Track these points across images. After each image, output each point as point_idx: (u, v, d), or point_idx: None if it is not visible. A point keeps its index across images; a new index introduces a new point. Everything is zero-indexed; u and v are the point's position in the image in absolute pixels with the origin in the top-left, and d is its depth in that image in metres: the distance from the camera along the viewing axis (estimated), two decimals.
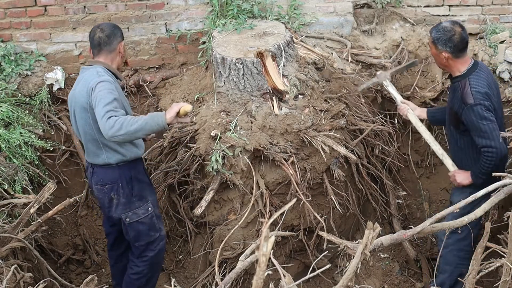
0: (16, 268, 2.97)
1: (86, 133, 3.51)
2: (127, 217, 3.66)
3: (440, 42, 3.56)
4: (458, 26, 3.58)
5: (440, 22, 3.68)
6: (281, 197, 4.08)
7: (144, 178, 3.77)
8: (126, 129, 3.16)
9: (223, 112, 4.13)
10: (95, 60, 3.59)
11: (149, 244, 3.77)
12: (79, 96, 3.46)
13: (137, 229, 3.71)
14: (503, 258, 2.78)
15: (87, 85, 3.40)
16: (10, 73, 4.62)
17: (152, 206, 3.75)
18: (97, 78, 3.39)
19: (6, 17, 4.76)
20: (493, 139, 3.50)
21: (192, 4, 4.94)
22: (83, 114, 3.46)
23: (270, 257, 1.72)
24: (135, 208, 3.66)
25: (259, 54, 4.01)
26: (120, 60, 3.67)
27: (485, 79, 3.58)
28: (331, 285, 4.24)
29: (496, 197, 3.07)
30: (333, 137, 4.01)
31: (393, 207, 4.76)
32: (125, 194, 3.61)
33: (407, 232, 2.88)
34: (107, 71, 3.52)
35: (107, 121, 3.17)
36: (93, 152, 3.57)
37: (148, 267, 3.82)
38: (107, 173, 3.59)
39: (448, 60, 3.59)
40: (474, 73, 3.59)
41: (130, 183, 3.62)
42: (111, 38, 3.57)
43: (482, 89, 3.51)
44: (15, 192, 3.86)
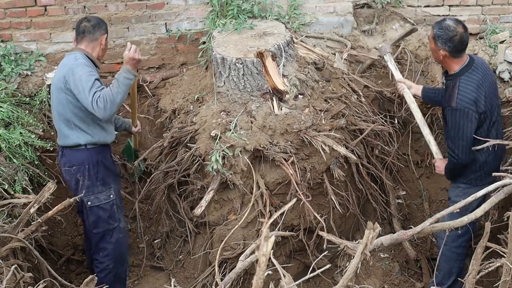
0: (16, 268, 2.96)
1: (59, 113, 3.72)
2: (89, 201, 3.81)
3: (440, 40, 3.60)
4: (461, 27, 3.59)
5: (444, 19, 3.68)
6: (281, 197, 4.08)
7: (111, 166, 3.95)
8: (113, 101, 3.49)
9: (223, 112, 4.13)
10: (77, 47, 3.82)
11: (106, 234, 3.89)
12: (56, 79, 3.72)
13: (97, 214, 3.84)
14: (503, 258, 2.78)
15: (64, 68, 3.67)
16: (10, 73, 4.63)
17: (115, 194, 3.90)
18: (74, 61, 3.65)
19: (6, 17, 4.76)
20: (457, 148, 3.64)
21: (192, 4, 4.94)
22: (58, 94, 3.69)
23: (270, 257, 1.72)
24: (98, 193, 3.82)
25: (259, 54, 4.01)
26: (101, 52, 3.88)
27: (476, 81, 3.59)
28: (331, 285, 4.24)
29: (496, 197, 3.07)
30: (333, 137, 4.01)
31: (393, 207, 4.75)
32: (90, 177, 3.77)
33: (407, 232, 2.88)
34: (86, 57, 3.73)
35: (97, 105, 3.48)
36: (64, 134, 3.75)
37: (112, 261, 3.93)
38: (75, 155, 3.77)
39: (444, 57, 3.64)
40: (466, 73, 3.62)
41: (96, 166, 3.79)
42: (95, 28, 3.82)
43: (469, 94, 3.55)
44: (15, 192, 3.86)
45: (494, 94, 3.73)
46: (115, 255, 3.93)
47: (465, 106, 3.54)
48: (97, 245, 3.92)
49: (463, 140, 3.62)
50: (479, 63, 3.70)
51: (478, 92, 3.57)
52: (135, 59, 3.64)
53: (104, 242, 3.90)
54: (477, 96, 3.56)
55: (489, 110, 3.64)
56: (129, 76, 3.59)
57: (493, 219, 4.04)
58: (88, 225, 3.92)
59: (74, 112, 3.66)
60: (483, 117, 3.62)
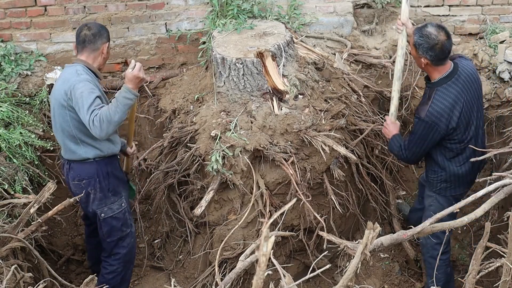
0: (16, 268, 2.96)
1: (64, 130, 3.59)
2: (102, 212, 3.74)
3: (421, 48, 3.47)
4: (444, 34, 3.45)
5: (426, 24, 3.53)
6: (281, 197, 4.08)
7: (120, 174, 3.87)
8: (110, 121, 3.29)
9: (223, 112, 4.13)
10: (77, 58, 3.67)
11: (119, 240, 3.85)
12: (58, 94, 3.54)
13: (110, 224, 3.78)
14: (503, 258, 2.78)
15: (65, 83, 3.49)
16: (10, 73, 4.63)
17: (125, 201, 3.85)
18: (76, 77, 3.48)
19: (6, 17, 4.77)
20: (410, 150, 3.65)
21: (192, 4, 4.94)
22: (61, 111, 3.54)
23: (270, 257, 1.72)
24: (110, 203, 3.75)
25: (259, 54, 4.01)
26: (102, 61, 3.72)
27: (453, 95, 3.47)
28: (331, 285, 4.24)
29: (496, 197, 3.07)
30: (333, 137, 4.01)
31: (393, 207, 4.76)
32: (102, 189, 3.69)
33: (407, 232, 2.88)
34: (87, 70, 3.60)
35: (93, 124, 3.30)
36: (70, 149, 3.63)
37: (122, 265, 3.89)
38: (84, 169, 3.66)
39: (426, 65, 3.53)
40: (445, 85, 3.50)
41: (107, 178, 3.70)
42: (96, 37, 3.64)
43: (441, 110, 3.45)
44: (15, 192, 3.86)
45: (474, 107, 3.59)
46: (125, 259, 3.90)
47: (433, 121, 3.46)
48: (111, 251, 3.87)
49: (418, 148, 3.60)
50: (463, 72, 3.54)
51: (452, 108, 3.46)
52: (139, 77, 3.37)
53: (117, 247, 3.86)
54: (450, 113, 3.46)
55: (464, 126, 3.54)
56: (130, 96, 3.35)
57: (493, 219, 4.04)
58: (101, 234, 3.84)
59: (79, 128, 3.52)
60: (453, 132, 3.53)
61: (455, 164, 3.66)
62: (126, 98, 3.33)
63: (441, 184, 3.75)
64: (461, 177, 3.70)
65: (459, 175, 3.68)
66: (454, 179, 3.71)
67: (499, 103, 4.96)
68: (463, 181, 3.73)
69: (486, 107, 4.97)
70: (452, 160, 3.66)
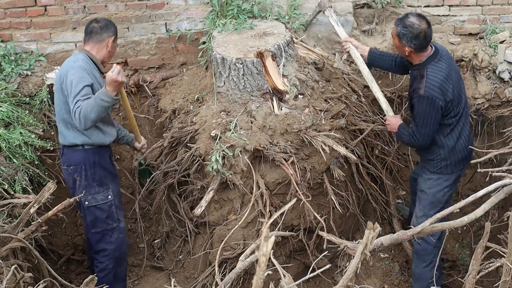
0: (16, 268, 2.96)
1: (58, 113, 3.73)
2: (86, 200, 3.79)
3: (405, 38, 3.64)
4: (425, 23, 3.63)
5: (407, 15, 3.71)
6: (281, 197, 4.07)
7: (109, 167, 3.91)
8: (87, 117, 3.42)
9: (223, 112, 4.13)
10: (82, 48, 3.77)
11: (105, 234, 3.87)
12: (57, 79, 3.69)
13: (94, 214, 3.82)
14: (503, 258, 2.78)
15: (63, 68, 3.66)
16: (10, 73, 4.63)
17: (113, 195, 3.87)
18: (72, 63, 3.62)
19: (6, 17, 4.76)
20: (419, 133, 3.73)
21: (192, 4, 4.94)
22: (57, 95, 3.69)
23: (270, 257, 1.72)
24: (95, 193, 3.79)
25: (259, 54, 4.01)
26: (106, 54, 3.80)
27: (444, 70, 3.66)
28: (331, 285, 4.24)
29: (496, 197, 3.07)
30: (333, 137, 4.01)
31: (393, 207, 4.76)
32: (87, 177, 3.75)
33: (407, 232, 2.89)
34: (88, 59, 3.69)
35: (75, 116, 3.44)
36: (62, 133, 3.76)
37: (112, 261, 3.91)
38: (73, 155, 3.76)
39: (410, 53, 3.70)
40: (433, 62, 3.68)
41: (93, 167, 3.76)
42: (103, 29, 3.75)
43: (437, 83, 3.62)
44: (15, 192, 3.86)
45: (460, 84, 3.81)
46: (115, 256, 3.92)
47: (433, 95, 3.60)
48: (97, 245, 3.91)
49: (426, 128, 3.70)
50: (444, 53, 3.76)
51: (446, 81, 3.64)
52: (118, 81, 3.41)
53: (103, 242, 3.89)
54: (445, 85, 3.63)
55: (457, 99, 3.72)
56: (106, 99, 3.41)
57: (493, 219, 4.05)
58: (85, 224, 3.92)
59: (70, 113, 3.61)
60: (450, 105, 3.68)
61: (452, 140, 3.81)
62: (102, 100, 3.42)
63: (442, 163, 3.88)
64: (458, 152, 3.85)
65: (457, 150, 3.84)
66: (453, 155, 3.85)
67: (499, 103, 4.96)
68: (461, 157, 3.88)
69: (486, 107, 4.98)
70: (448, 136, 3.81)
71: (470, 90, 4.96)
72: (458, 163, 3.89)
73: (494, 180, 3.73)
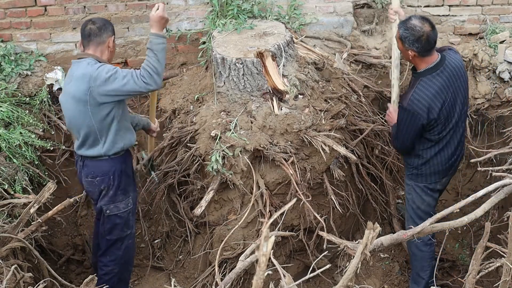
0: (16, 268, 2.96)
1: (84, 126, 3.51)
2: (108, 209, 3.71)
3: (407, 41, 3.51)
4: (428, 26, 3.49)
5: (410, 17, 3.59)
6: (281, 197, 4.07)
7: (131, 173, 3.84)
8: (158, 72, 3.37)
9: (223, 112, 4.13)
10: (84, 53, 3.59)
11: (117, 241, 3.82)
12: (76, 90, 3.46)
13: (114, 221, 3.76)
14: (503, 258, 2.78)
15: (82, 79, 3.42)
16: (10, 73, 4.62)
17: (132, 202, 3.82)
18: (91, 67, 3.43)
19: (6, 17, 4.76)
20: (397, 139, 3.77)
21: (192, 4, 4.94)
22: (80, 108, 3.46)
23: (270, 257, 1.72)
24: (118, 202, 3.72)
25: (259, 54, 4.01)
26: (109, 55, 3.67)
27: (436, 86, 3.52)
28: (331, 285, 4.24)
29: (496, 197, 3.07)
30: (333, 137, 4.01)
31: (393, 207, 4.76)
32: (114, 187, 3.66)
33: (407, 232, 2.89)
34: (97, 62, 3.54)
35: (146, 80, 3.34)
36: (89, 144, 3.58)
37: (118, 266, 3.87)
38: (98, 166, 3.64)
39: (414, 57, 3.58)
40: (429, 75, 3.55)
41: (120, 176, 3.68)
42: (102, 30, 3.59)
43: (423, 99, 3.51)
44: (15, 192, 3.85)
45: (457, 101, 3.64)
46: (122, 262, 3.88)
47: (415, 110, 3.52)
48: (107, 250, 3.85)
49: (403, 136, 3.69)
50: (449, 65, 3.58)
51: (434, 99, 3.52)
52: (164, 18, 3.44)
53: (114, 248, 3.83)
54: (431, 103, 3.51)
55: (444, 118, 3.59)
56: (162, 40, 3.43)
57: (493, 219, 4.04)
58: (102, 231, 3.83)
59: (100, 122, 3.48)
60: (434, 123, 3.58)
61: (429, 154, 3.75)
62: (159, 43, 3.41)
63: (413, 170, 3.85)
64: (432, 166, 3.78)
65: (431, 164, 3.77)
66: (427, 168, 3.79)
67: (499, 103, 4.96)
68: (435, 170, 3.80)
69: (486, 107, 4.98)
70: (426, 150, 3.74)
71: (470, 90, 4.96)
72: (430, 175, 3.81)
73: (494, 180, 3.73)
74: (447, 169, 3.82)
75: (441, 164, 3.77)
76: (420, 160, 3.77)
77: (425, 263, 3.99)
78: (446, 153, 3.74)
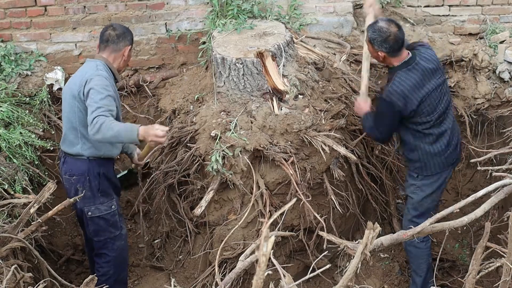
0: (16, 268, 2.96)
1: (69, 120, 3.61)
2: (89, 211, 3.72)
3: (376, 42, 3.65)
4: (394, 26, 3.63)
5: (377, 20, 3.73)
6: (281, 197, 4.07)
7: (113, 177, 3.84)
8: (103, 133, 3.29)
9: (223, 112, 4.13)
10: (99, 55, 3.68)
11: (108, 242, 3.82)
12: (73, 84, 3.58)
13: (97, 223, 3.76)
14: (503, 258, 2.78)
15: (83, 75, 3.51)
16: (10, 73, 4.62)
17: (116, 204, 3.82)
18: (94, 71, 3.50)
19: (6, 17, 4.76)
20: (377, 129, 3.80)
21: (192, 4, 4.94)
22: (71, 101, 3.56)
23: (270, 257, 1.72)
24: (99, 204, 3.72)
25: (259, 54, 4.01)
26: (122, 64, 3.74)
27: (413, 79, 3.64)
28: (331, 285, 4.24)
29: (496, 197, 3.07)
30: (333, 137, 4.01)
31: (393, 207, 4.76)
32: (91, 188, 3.67)
33: (407, 232, 2.89)
34: (106, 68, 3.61)
35: (93, 124, 3.29)
36: (70, 141, 3.65)
37: (113, 267, 3.88)
38: (76, 165, 3.67)
39: (384, 58, 3.70)
40: (405, 69, 3.67)
41: (98, 178, 3.69)
42: (120, 38, 3.68)
43: (400, 90, 3.62)
44: (15, 192, 3.85)
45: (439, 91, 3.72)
46: (116, 262, 3.89)
47: (391, 99, 3.63)
48: (99, 250, 3.87)
49: (382, 126, 3.77)
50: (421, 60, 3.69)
51: (411, 90, 3.62)
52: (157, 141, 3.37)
53: (106, 249, 3.85)
54: (408, 94, 3.62)
55: (429, 110, 3.69)
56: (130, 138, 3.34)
57: (493, 219, 4.04)
58: (88, 233, 3.86)
59: (83, 122, 3.50)
60: (415, 114, 3.67)
61: (426, 143, 3.81)
62: (127, 136, 3.34)
63: (416, 163, 3.90)
64: (434, 156, 3.83)
65: (432, 153, 3.82)
66: (428, 158, 3.84)
67: (499, 103, 4.96)
68: (437, 161, 3.85)
69: (486, 107, 4.98)
70: (423, 143, 3.81)
71: (470, 90, 4.97)
72: (434, 166, 3.86)
73: (494, 180, 3.73)
74: (449, 157, 3.87)
75: (441, 154, 3.83)
76: (419, 152, 3.84)
77: (421, 260, 4.05)
78: (442, 143, 3.81)
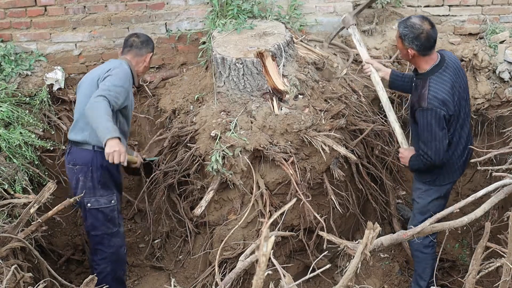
0: (16, 268, 2.96)
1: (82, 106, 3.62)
2: (89, 202, 3.75)
3: (407, 39, 3.48)
4: (428, 24, 3.47)
5: (410, 16, 3.58)
6: (281, 197, 4.08)
7: (116, 173, 3.86)
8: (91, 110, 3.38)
9: (223, 112, 4.13)
10: (122, 56, 3.87)
11: (104, 238, 3.84)
12: (94, 71, 3.76)
13: (95, 216, 3.79)
14: (503, 258, 2.78)
15: (107, 66, 3.70)
16: (10, 73, 4.62)
17: (116, 200, 3.85)
18: (119, 64, 3.70)
19: (6, 17, 4.76)
20: (430, 149, 3.53)
21: (192, 4, 4.94)
22: (88, 87, 3.68)
23: (270, 257, 1.72)
24: (99, 196, 3.76)
25: (259, 54, 4.01)
26: (142, 69, 3.92)
27: (447, 82, 3.49)
28: (331, 285, 4.24)
29: (496, 197, 3.07)
30: (333, 137, 4.01)
31: (393, 207, 4.76)
32: (92, 179, 3.71)
33: (407, 232, 2.89)
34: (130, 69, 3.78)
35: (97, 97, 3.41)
36: (79, 127, 3.70)
37: (110, 264, 3.90)
38: (81, 154, 3.71)
39: (414, 57, 3.54)
40: (437, 73, 3.51)
41: (100, 170, 3.72)
42: (144, 44, 3.89)
43: (440, 95, 3.45)
44: (15, 192, 3.85)
45: (464, 95, 3.64)
46: (113, 259, 3.90)
47: (436, 106, 3.43)
48: (95, 246, 3.89)
49: (436, 141, 3.50)
50: (451, 62, 3.57)
51: (449, 94, 3.46)
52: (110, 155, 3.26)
53: (102, 245, 3.86)
54: (448, 98, 3.46)
55: (457, 113, 3.56)
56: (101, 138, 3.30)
57: (493, 219, 4.04)
58: (86, 226, 3.89)
59: None
60: (452, 119, 3.53)
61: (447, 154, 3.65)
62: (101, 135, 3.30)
63: (428, 176, 3.77)
64: (448, 165, 3.70)
65: (451, 162, 3.70)
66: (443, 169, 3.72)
67: (499, 103, 4.96)
68: (451, 169, 3.74)
69: (486, 107, 4.98)
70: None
71: (470, 90, 4.95)
72: (447, 174, 3.75)
73: (494, 180, 3.73)
74: (462, 166, 3.80)
75: (456, 163, 3.73)
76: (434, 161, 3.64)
77: (426, 264, 3.99)
78: (459, 150, 3.69)
